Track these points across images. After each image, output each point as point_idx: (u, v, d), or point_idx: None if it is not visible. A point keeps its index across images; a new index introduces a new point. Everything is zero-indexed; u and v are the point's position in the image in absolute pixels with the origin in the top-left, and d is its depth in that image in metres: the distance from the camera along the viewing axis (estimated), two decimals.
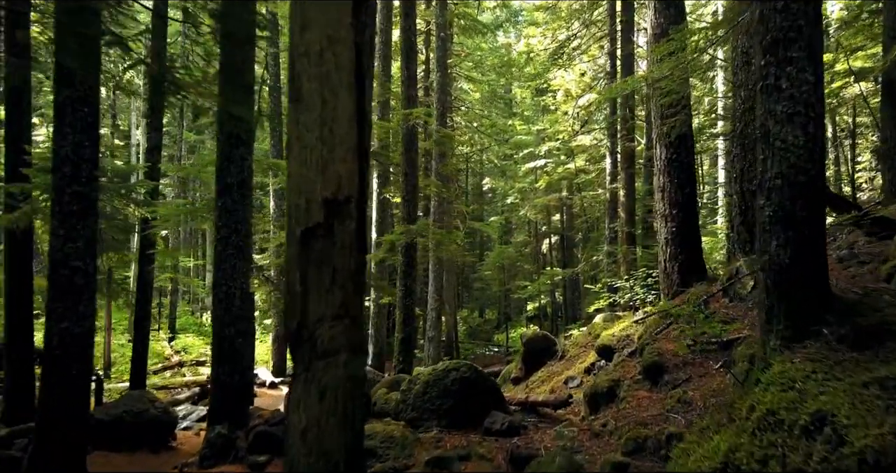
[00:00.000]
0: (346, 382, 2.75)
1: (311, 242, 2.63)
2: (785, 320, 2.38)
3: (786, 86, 2.38)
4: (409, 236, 10.23)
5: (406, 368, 10.42)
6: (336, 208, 2.68)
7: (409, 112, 10.20)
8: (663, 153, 6.58)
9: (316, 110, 2.56)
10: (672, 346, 4.57)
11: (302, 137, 2.60)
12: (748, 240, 8.33)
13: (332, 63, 2.73)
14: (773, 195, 2.35)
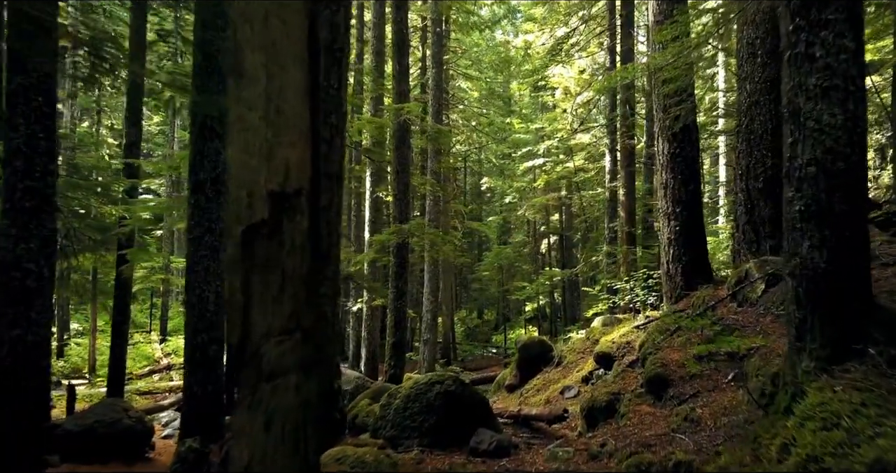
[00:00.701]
0: (298, 409, 2.33)
1: (255, 243, 2.22)
2: (821, 337, 1.98)
3: (820, 55, 1.98)
4: (401, 236, 9.83)
5: (397, 373, 10.01)
6: (283, 202, 2.27)
7: (401, 107, 9.79)
8: (666, 147, 6.18)
9: (260, 85, 2.16)
10: (677, 356, 4.17)
11: (243, 118, 2.20)
12: (754, 241, 7.94)
13: (279, 31, 2.32)
14: (806, 186, 1.95)
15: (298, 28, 2.42)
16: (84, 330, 19.45)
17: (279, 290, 2.24)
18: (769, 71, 7.80)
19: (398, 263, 10.24)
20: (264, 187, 2.17)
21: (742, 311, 4.79)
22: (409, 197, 10.62)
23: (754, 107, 8.04)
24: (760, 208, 7.81)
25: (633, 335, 5.85)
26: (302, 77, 2.27)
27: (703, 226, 6.45)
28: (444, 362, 20.72)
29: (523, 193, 27.06)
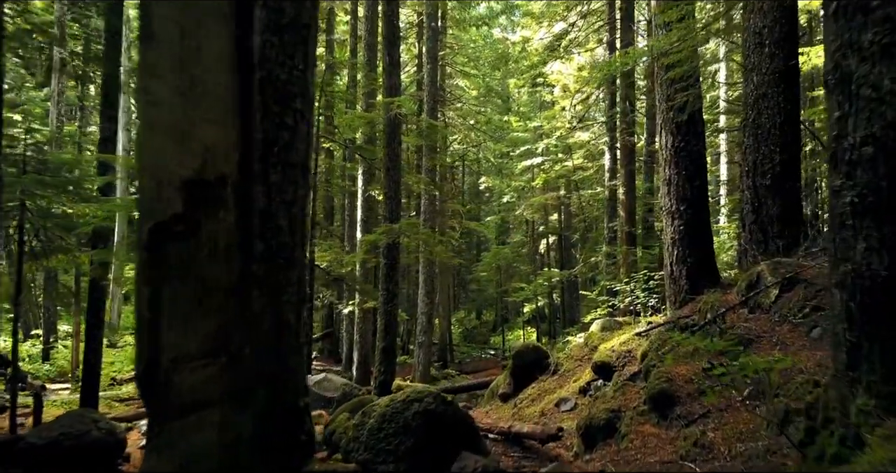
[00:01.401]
0: (224, 451, 1.89)
1: (166, 244, 1.78)
2: (883, 367, 1.57)
3: (877, 4, 1.56)
4: (391, 236, 9.40)
5: (387, 379, 9.58)
6: (202, 193, 1.83)
7: (392, 101, 9.37)
8: (669, 140, 5.76)
9: (172, 48, 1.71)
10: (684, 370, 3.74)
11: (151, 90, 1.76)
12: (762, 241, 7.51)
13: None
14: (860, 171, 1.54)
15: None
16: (70, 334, 19.01)
17: (196, 304, 1.80)
18: (777, 62, 7.39)
19: (388, 264, 9.81)
20: (177, 174, 1.73)
21: (754, 318, 4.36)
22: (401, 195, 10.19)
23: (762, 100, 7.63)
24: (768, 206, 7.40)
25: (634, 343, 5.42)
26: (226, 37, 1.82)
27: (710, 225, 6.02)
28: (441, 365, 20.29)
29: (521, 193, 26.66)
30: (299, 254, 3.66)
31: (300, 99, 3.70)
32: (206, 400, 1.74)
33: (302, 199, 3.68)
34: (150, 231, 1.73)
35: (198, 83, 1.74)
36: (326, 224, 21.26)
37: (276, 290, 3.54)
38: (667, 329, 5.26)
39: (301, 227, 3.67)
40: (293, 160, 3.64)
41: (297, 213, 3.65)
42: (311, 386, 9.00)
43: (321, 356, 21.90)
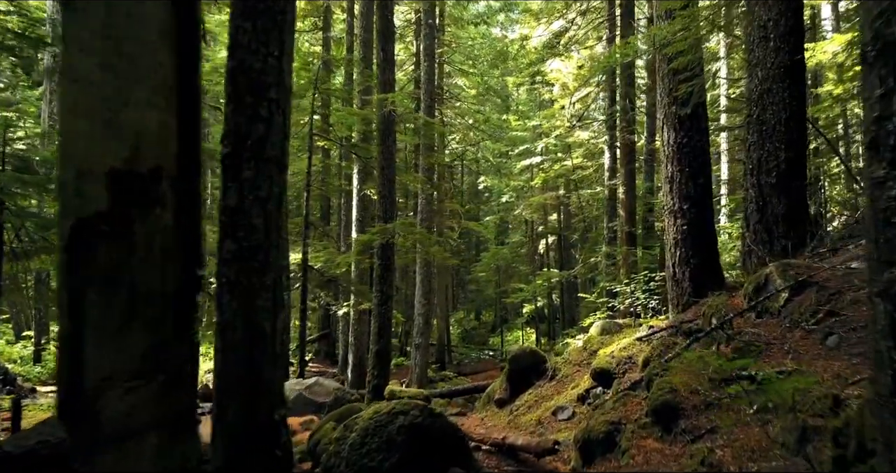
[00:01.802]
0: None
1: (91, 244, 1.52)
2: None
3: None
4: (385, 236, 9.15)
5: (381, 383, 9.32)
6: (133, 187, 1.57)
7: (385, 97, 9.11)
8: (672, 136, 5.51)
9: (97, 14, 1.46)
10: (689, 379, 3.48)
11: (74, 64, 1.50)
12: (767, 241, 7.26)
13: None
14: None
15: None
16: None
17: (128, 316, 1.54)
18: (782, 56, 7.15)
19: (383, 265, 9.55)
20: (102, 164, 1.47)
21: (763, 324, 4.10)
22: (395, 194, 9.94)
23: (766, 96, 7.39)
24: (773, 205, 7.16)
25: (635, 348, 5.17)
26: (164, 7, 1.56)
27: (714, 224, 5.77)
28: (438, 367, 20.03)
29: (520, 192, 26.44)
30: (276, 256, 3.41)
31: (275, 88, 3.45)
32: (140, 427, 1.47)
33: (278, 196, 3.43)
34: (72, 229, 1.46)
35: (129, 58, 1.46)
36: (322, 224, 21.01)
37: (248, 295, 3.30)
38: (669, 334, 5.01)
39: (277, 227, 3.42)
40: (268, 154, 3.40)
41: (273, 211, 3.40)
42: (302, 390, 8.75)
43: (317, 357, 21.65)
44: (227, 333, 3.15)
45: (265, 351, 3.17)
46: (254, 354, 3.15)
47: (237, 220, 3.16)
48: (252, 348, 3.14)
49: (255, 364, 3.15)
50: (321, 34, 21.60)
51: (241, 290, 3.15)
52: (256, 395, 3.16)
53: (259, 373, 3.16)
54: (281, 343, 3.32)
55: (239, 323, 3.14)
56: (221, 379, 3.15)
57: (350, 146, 10.83)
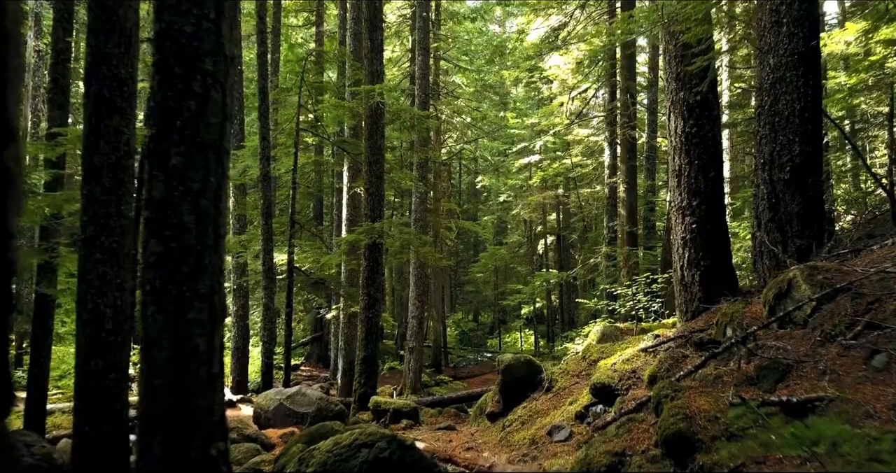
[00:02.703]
0: None
1: None
2: None
3: None
4: (372, 236, 8.61)
5: (368, 392, 8.80)
6: None
7: (372, 88, 8.58)
8: (680, 125, 4.98)
9: None
10: (705, 404, 2.95)
11: None
12: (780, 242, 6.75)
13: None
14: None
15: None
16: None
17: None
18: (796, 42, 6.63)
19: (370, 267, 9.02)
20: None
21: (787, 336, 3.57)
22: (383, 191, 9.40)
23: (779, 85, 6.87)
24: (787, 202, 6.65)
25: (640, 360, 4.64)
26: None
27: (726, 222, 5.25)
28: (434, 370, 19.50)
29: (518, 191, 25.94)
30: (213, 259, 2.86)
31: (212, 58, 2.88)
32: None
33: (215, 189, 2.87)
34: None
35: None
36: (315, 224, 20.47)
37: (178, 306, 2.76)
38: (678, 345, 4.48)
39: (215, 224, 2.88)
40: (202, 138, 2.85)
41: (209, 207, 2.84)
42: (283, 400, 8.22)
43: (310, 360, 21.12)
44: (153, 352, 2.62)
45: (199, 372, 2.64)
46: (185, 377, 2.63)
47: (164, 217, 2.63)
48: (183, 370, 2.62)
49: (188, 388, 2.63)
50: (315, 29, 21.09)
51: (168, 300, 2.62)
52: (189, 426, 2.63)
53: (192, 400, 2.63)
54: (220, 362, 2.79)
55: (167, 340, 2.61)
56: (146, 408, 2.62)
57: (338, 141, 10.30)
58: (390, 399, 7.75)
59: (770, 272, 6.84)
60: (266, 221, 9.82)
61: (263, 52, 10.38)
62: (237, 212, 13.86)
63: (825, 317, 3.46)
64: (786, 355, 3.21)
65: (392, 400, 7.52)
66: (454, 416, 8.70)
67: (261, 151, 10.03)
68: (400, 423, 7.07)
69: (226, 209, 2.84)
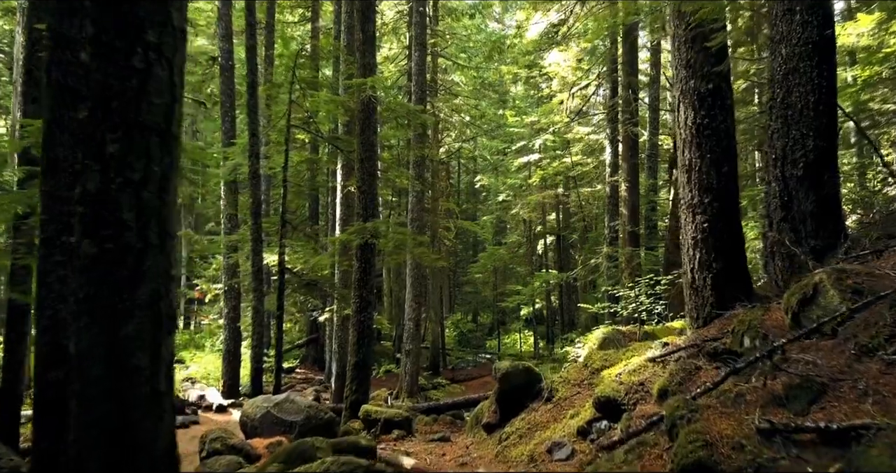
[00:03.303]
0: None
1: None
2: None
3: None
4: (364, 235, 8.24)
5: (360, 399, 8.41)
6: None
7: (364, 82, 8.20)
8: (690, 116, 4.61)
9: None
10: (727, 427, 2.58)
11: None
12: (794, 242, 6.39)
13: None
14: None
15: None
16: None
17: None
18: (810, 30, 6.26)
19: (362, 268, 8.64)
20: None
21: (815, 347, 3.19)
22: (376, 190, 9.03)
23: (791, 76, 6.50)
24: (800, 200, 6.28)
25: (648, 371, 4.26)
26: None
27: (740, 221, 4.87)
28: (431, 373, 19.13)
29: (518, 191, 25.58)
30: (158, 262, 2.48)
31: (156, 30, 2.48)
32: None
33: (161, 181, 2.49)
34: None
35: None
36: (310, 224, 20.09)
37: (112, 317, 2.39)
38: (689, 355, 4.10)
39: (160, 222, 2.50)
40: (145, 120, 2.46)
41: (152, 200, 2.46)
42: (270, 408, 7.84)
43: (305, 363, 20.74)
44: (84, 370, 2.26)
45: (140, 392, 2.26)
46: (123, 399, 2.26)
47: (100, 213, 2.27)
48: (119, 390, 2.25)
49: (125, 412, 2.26)
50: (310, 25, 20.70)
51: (101, 309, 2.26)
52: (128, 456, 2.26)
53: (131, 426, 2.26)
54: (169, 378, 2.42)
55: (99, 357, 2.25)
56: (76, 437, 2.26)
57: (330, 138, 9.93)
58: (381, 407, 7.37)
59: (782, 274, 6.47)
60: (255, 221, 9.44)
61: (253, 46, 10.00)
62: (228, 212, 13.48)
63: (859, 327, 3.08)
64: (817, 371, 2.83)
65: (383, 409, 7.15)
66: (450, 424, 8.33)
67: (249, 148, 9.65)
68: (391, 434, 6.69)
69: (175, 203, 2.47)
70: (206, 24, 17.24)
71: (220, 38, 13.66)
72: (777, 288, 6.22)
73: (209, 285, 20.44)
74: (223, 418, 12.59)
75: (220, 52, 13.55)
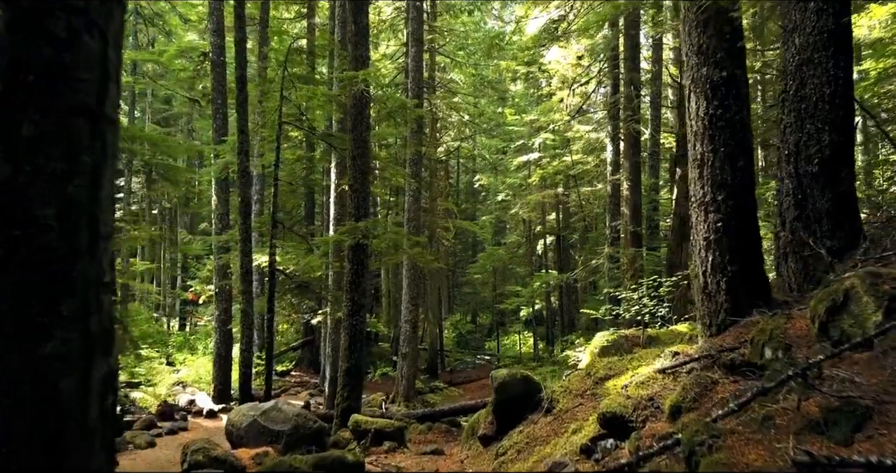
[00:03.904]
0: None
1: None
2: None
3: None
4: (355, 236, 7.88)
5: (352, 405, 8.06)
6: None
7: (355, 75, 7.84)
8: (702, 106, 4.25)
9: None
10: (758, 458, 2.22)
11: None
12: (807, 243, 6.03)
13: None
14: None
15: None
16: None
17: None
18: (825, 19, 5.90)
19: (354, 270, 8.28)
20: None
21: (849, 361, 2.83)
22: (369, 188, 8.67)
23: (805, 67, 6.14)
24: (815, 198, 5.92)
25: (658, 384, 3.90)
26: None
27: (757, 220, 4.52)
28: (429, 376, 18.77)
29: (517, 190, 25.23)
30: (88, 269, 2.11)
31: None
32: None
33: (94, 174, 2.13)
34: None
35: None
36: (305, 224, 19.73)
37: (30, 334, 2.03)
38: (703, 366, 3.74)
39: (91, 220, 2.14)
40: (69, 101, 2.10)
41: (81, 196, 2.08)
42: (257, 416, 7.47)
43: (301, 365, 20.38)
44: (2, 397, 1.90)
45: (68, 423, 1.91)
46: (49, 429, 1.91)
47: (11, 209, 1.91)
48: (43, 420, 1.90)
49: (52, 444, 1.91)
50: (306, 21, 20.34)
51: (19, 327, 1.90)
52: None
53: (59, 459, 1.91)
54: (107, 407, 2.06)
55: (19, 382, 1.89)
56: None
57: (323, 135, 9.57)
58: (372, 418, 7.00)
59: (795, 277, 6.11)
60: (244, 221, 9.08)
61: (242, 39, 9.64)
62: (219, 211, 13.12)
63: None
64: (858, 391, 2.47)
65: (374, 420, 6.78)
66: (445, 433, 7.98)
67: (238, 145, 9.29)
68: (382, 446, 6.33)
69: (111, 199, 2.11)
70: (198, 19, 16.87)
71: (212, 32, 13.30)
72: (790, 291, 5.86)
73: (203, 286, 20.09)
74: (213, 424, 12.22)
75: (212, 48, 13.19)
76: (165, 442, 10.77)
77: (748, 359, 3.49)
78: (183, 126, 27.72)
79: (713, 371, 3.64)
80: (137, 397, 13.28)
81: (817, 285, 5.74)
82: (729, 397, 3.19)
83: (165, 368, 15.53)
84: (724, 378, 3.48)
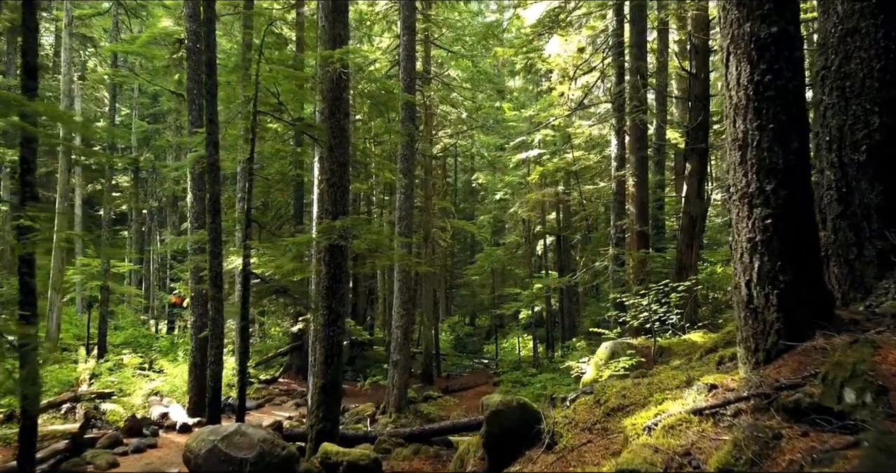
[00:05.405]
0: None
1: None
2: None
3: None
4: (331, 236, 6.97)
5: (328, 427, 7.14)
6: None
7: (331, 54, 6.93)
8: (745, 72, 3.33)
9: None
10: None
11: None
12: (854, 243, 5.13)
13: None
14: None
15: None
16: None
17: None
18: None
19: (331, 274, 7.37)
20: None
21: None
22: (348, 182, 7.76)
23: (850, 39, 5.25)
24: (863, 192, 5.03)
25: (693, 431, 2.98)
26: None
27: (815, 216, 3.60)
28: (423, 384, 17.84)
29: (516, 189, 24.33)
30: None
31: None
32: None
33: None
34: None
35: None
36: (294, 223, 18.81)
37: None
38: (754, 408, 2.83)
39: None
40: None
41: None
42: (216, 442, 6.55)
43: (289, 372, 19.45)
44: None
45: None
46: None
47: None
48: None
49: None
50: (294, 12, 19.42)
51: None
52: None
53: None
54: None
55: None
56: None
57: (301, 126, 8.65)
58: (344, 449, 6.07)
59: (840, 284, 5.20)
60: (213, 219, 8.17)
61: (210, 19, 8.73)
62: (194, 209, 12.22)
63: None
64: None
65: (346, 451, 5.86)
66: (433, 459, 7.06)
67: (207, 136, 8.39)
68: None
69: None
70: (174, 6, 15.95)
71: (187, 18, 12.40)
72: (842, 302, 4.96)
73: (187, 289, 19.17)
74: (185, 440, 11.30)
75: (187, 34, 12.29)
76: (130, 462, 9.83)
77: (820, 402, 2.58)
78: (171, 122, 26.81)
79: (769, 415, 2.73)
80: (109, 409, 12.35)
81: (867, 294, 4.83)
82: (802, 459, 2.28)
83: (140, 377, 14.60)
84: (789, 428, 2.56)
